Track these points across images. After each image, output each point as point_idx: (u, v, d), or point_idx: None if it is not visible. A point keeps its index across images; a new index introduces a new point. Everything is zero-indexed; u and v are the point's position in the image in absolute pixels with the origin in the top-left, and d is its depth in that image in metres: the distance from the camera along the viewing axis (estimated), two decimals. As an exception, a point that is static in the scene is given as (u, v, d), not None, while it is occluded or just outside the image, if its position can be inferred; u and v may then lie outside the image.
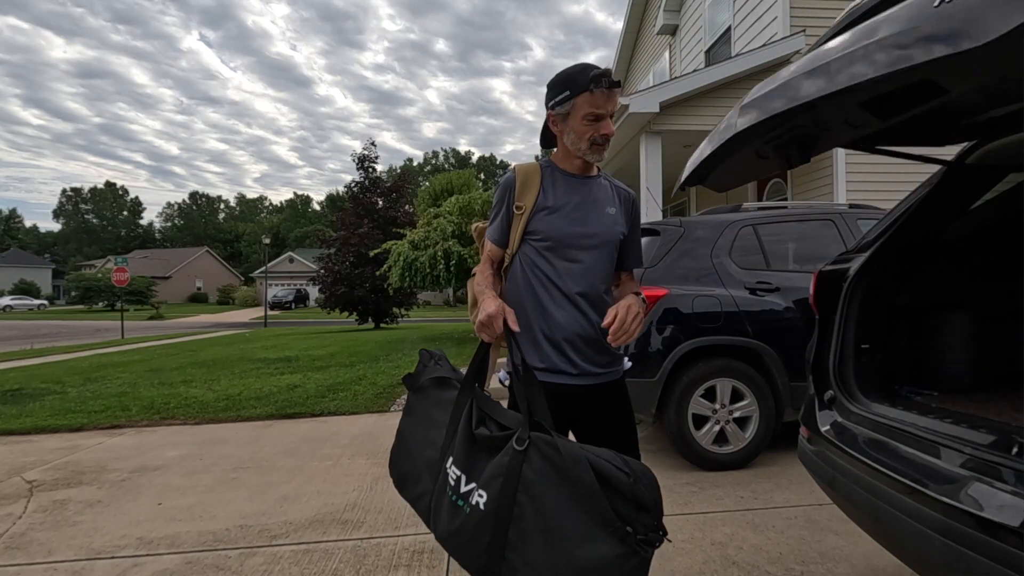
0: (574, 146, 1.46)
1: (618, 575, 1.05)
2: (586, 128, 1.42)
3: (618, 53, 13.67)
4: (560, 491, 1.10)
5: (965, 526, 1.14)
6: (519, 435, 1.18)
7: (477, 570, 1.17)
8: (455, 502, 1.21)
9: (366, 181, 18.87)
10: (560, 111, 1.44)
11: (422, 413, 1.44)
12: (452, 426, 1.32)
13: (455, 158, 76.43)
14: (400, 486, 1.44)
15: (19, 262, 59.28)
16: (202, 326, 23.94)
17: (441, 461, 1.30)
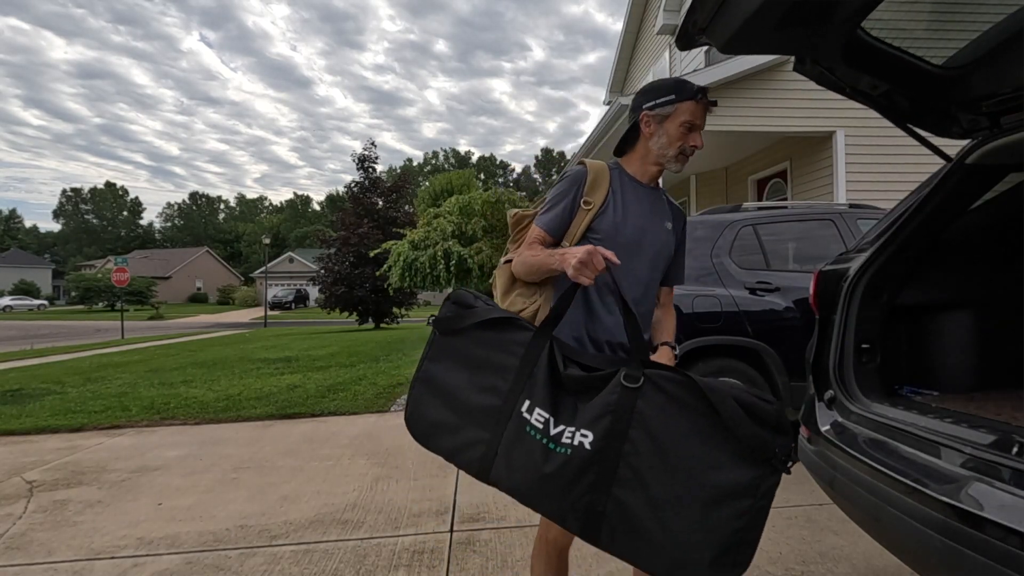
0: (661, 150, 1.47)
1: (754, 495, 1.09)
2: (680, 135, 1.45)
3: (618, 53, 13.67)
4: (687, 423, 1.12)
5: (965, 526, 1.14)
6: (628, 372, 1.17)
7: (574, 510, 1.14)
8: (547, 445, 1.17)
9: (366, 181, 18.89)
10: (660, 112, 1.45)
11: (468, 357, 1.32)
12: (526, 368, 1.24)
13: (455, 158, 76.46)
14: (427, 437, 1.31)
15: (19, 262, 59.28)
16: (202, 326, 23.94)
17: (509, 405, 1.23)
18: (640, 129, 1.49)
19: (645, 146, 1.49)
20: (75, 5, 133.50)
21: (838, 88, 1.78)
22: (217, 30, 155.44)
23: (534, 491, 1.18)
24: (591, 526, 1.14)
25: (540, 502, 1.19)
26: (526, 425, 1.20)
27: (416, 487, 3.22)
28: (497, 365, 1.28)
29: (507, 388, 1.25)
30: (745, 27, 1.46)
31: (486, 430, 1.24)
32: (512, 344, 1.28)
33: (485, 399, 1.26)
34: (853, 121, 6.39)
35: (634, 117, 1.50)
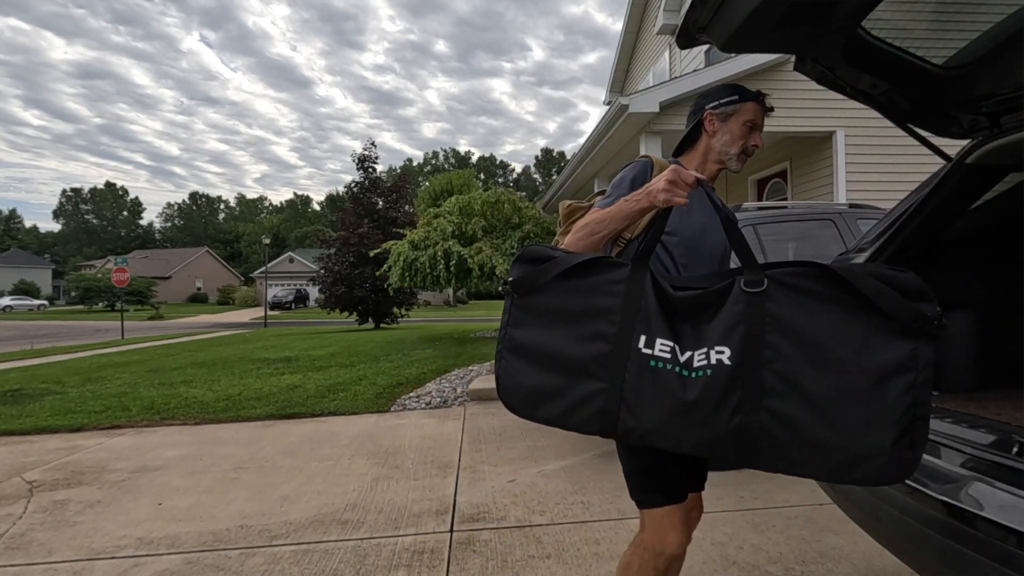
0: (724, 148, 1.50)
1: (916, 368, 1.04)
2: (743, 133, 1.49)
3: (618, 53, 13.67)
4: (826, 313, 1.07)
5: (965, 526, 1.14)
6: (748, 278, 1.12)
7: (728, 433, 1.07)
8: (680, 373, 1.11)
9: (366, 181, 18.86)
10: (725, 111, 1.49)
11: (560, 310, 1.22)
12: (633, 303, 1.17)
13: (455, 158, 76.46)
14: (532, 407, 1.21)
15: (19, 262, 59.27)
16: (202, 326, 23.93)
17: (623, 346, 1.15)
18: (702, 129, 1.52)
19: (707, 144, 1.52)
20: (75, 5, 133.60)
21: (838, 87, 1.78)
22: (217, 30, 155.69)
23: (678, 425, 1.10)
24: (748, 447, 1.07)
25: (687, 436, 1.10)
26: (649, 360, 1.13)
27: (416, 487, 3.22)
28: (597, 310, 1.19)
29: (615, 330, 1.17)
30: (745, 26, 1.46)
31: (601, 380, 1.16)
32: (609, 284, 1.21)
33: (592, 348, 1.18)
34: (853, 121, 6.39)
35: (695, 119, 1.54)
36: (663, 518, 1.36)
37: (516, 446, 3.99)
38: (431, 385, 6.27)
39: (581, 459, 3.66)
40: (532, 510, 2.84)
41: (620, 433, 1.15)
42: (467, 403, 5.55)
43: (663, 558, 1.36)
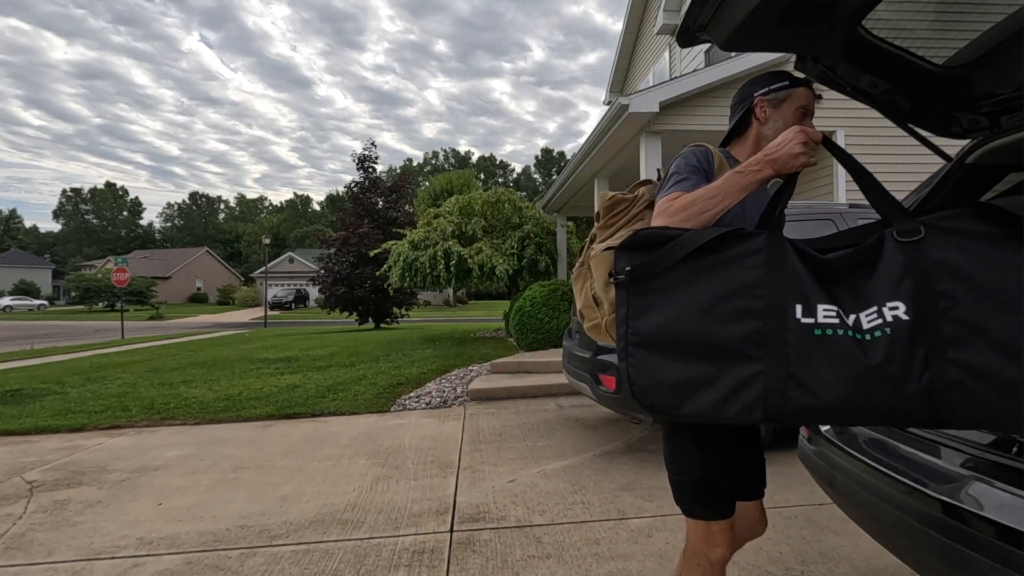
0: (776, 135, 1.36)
1: None
2: (795, 120, 1.45)
3: (618, 53, 13.67)
4: (996, 251, 0.99)
5: (965, 526, 1.14)
6: (901, 228, 1.05)
7: (920, 394, 0.98)
8: (855, 337, 1.02)
9: (366, 181, 18.86)
10: (776, 96, 1.46)
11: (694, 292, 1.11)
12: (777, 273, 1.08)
13: (455, 158, 76.47)
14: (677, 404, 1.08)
15: (19, 262, 59.26)
16: (202, 326, 23.94)
17: (777, 320, 1.05)
18: (752, 117, 1.49)
19: (759, 132, 1.48)
20: (75, 6, 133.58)
21: (839, 87, 1.78)
22: (217, 30, 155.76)
23: (865, 394, 1.00)
24: (942, 405, 0.98)
25: (877, 404, 1.00)
26: (813, 329, 1.03)
27: (416, 487, 3.22)
28: (740, 285, 1.08)
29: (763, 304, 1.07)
30: (745, 24, 1.46)
31: (757, 360, 1.05)
32: (748, 255, 1.10)
33: (740, 327, 1.06)
34: (853, 121, 6.39)
35: (743, 107, 1.51)
36: (712, 531, 1.34)
37: (516, 446, 3.99)
38: (431, 385, 6.27)
39: (581, 459, 3.66)
40: (532, 510, 2.84)
41: (789, 414, 1.03)
42: (467, 403, 5.55)
43: (715, 564, 1.35)
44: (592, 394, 3.76)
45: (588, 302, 1.42)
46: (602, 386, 3.57)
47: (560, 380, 5.52)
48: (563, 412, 5.03)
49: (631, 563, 2.27)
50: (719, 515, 1.34)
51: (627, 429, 4.38)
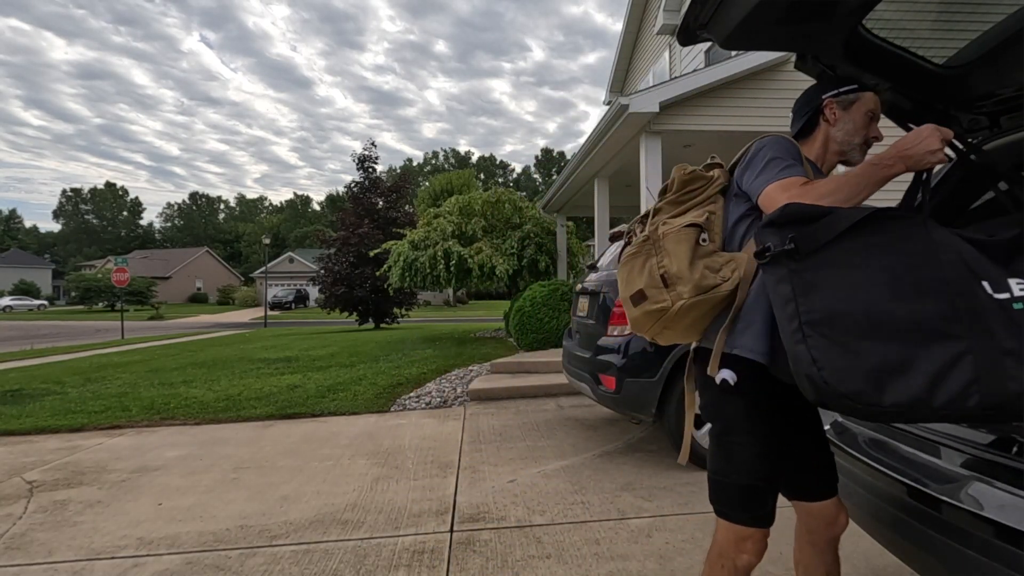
0: (846, 137, 1.43)
1: None
2: (864, 124, 1.43)
3: (618, 53, 13.67)
4: None
5: (965, 526, 1.14)
6: None
7: None
8: None
9: (366, 181, 18.86)
10: (846, 99, 1.44)
11: (872, 266, 1.03)
12: (949, 251, 1.03)
13: (455, 158, 76.49)
14: (880, 391, 0.96)
15: (19, 262, 59.25)
16: (202, 326, 23.93)
17: (968, 295, 0.99)
18: (820, 119, 1.46)
19: (827, 134, 1.45)
20: (76, 6, 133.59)
21: None
22: (217, 31, 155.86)
23: None
24: None
25: None
26: (1012, 303, 0.97)
27: (416, 487, 3.22)
28: (918, 261, 1.02)
29: (948, 280, 0.99)
30: (745, 22, 1.46)
31: (959, 338, 0.96)
32: (913, 233, 1.05)
33: (931, 303, 0.98)
34: (853, 121, 6.39)
35: (808, 109, 1.48)
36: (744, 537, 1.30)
37: (516, 446, 3.99)
38: (431, 385, 6.27)
39: (581, 459, 3.66)
40: (532, 510, 2.84)
41: (1011, 398, 0.94)
42: (467, 403, 5.55)
43: (741, 570, 1.32)
44: (592, 394, 3.76)
45: (655, 282, 1.30)
46: (602, 386, 3.57)
47: (560, 380, 5.52)
48: (563, 412, 5.03)
49: (631, 563, 2.27)
50: (758, 523, 1.29)
51: (627, 429, 4.38)
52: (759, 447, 1.29)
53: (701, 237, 1.32)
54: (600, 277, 4.04)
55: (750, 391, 1.28)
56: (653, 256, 1.32)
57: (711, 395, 1.35)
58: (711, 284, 1.27)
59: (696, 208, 1.38)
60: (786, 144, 1.36)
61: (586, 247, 14.66)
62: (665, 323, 1.31)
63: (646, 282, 1.31)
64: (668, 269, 1.28)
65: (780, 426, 1.32)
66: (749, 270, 1.28)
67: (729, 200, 1.43)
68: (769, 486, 1.30)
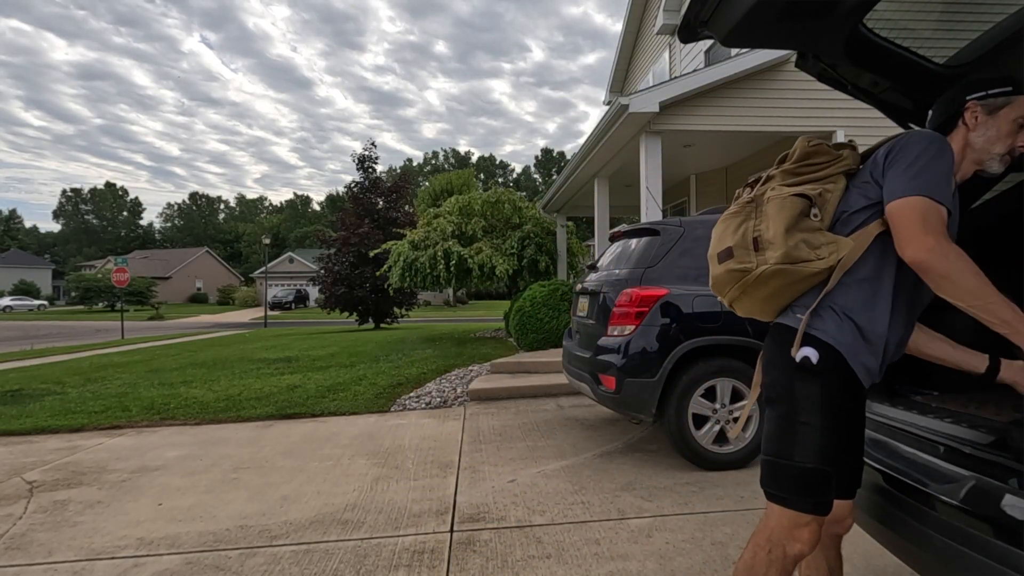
0: (986, 146, 1.31)
1: None
2: (1011, 131, 1.30)
3: (618, 53, 13.67)
4: None
5: (965, 526, 1.14)
6: None
7: None
8: None
9: (366, 181, 18.86)
10: (993, 103, 1.30)
11: None
12: None
13: (455, 158, 76.50)
14: None
15: (19, 263, 59.24)
16: (202, 326, 23.93)
17: None
18: (960, 121, 1.34)
19: (965, 139, 1.33)
20: (76, 7, 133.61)
21: (840, 85, 1.78)
22: (218, 31, 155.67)
23: None
24: None
25: None
26: None
27: (416, 487, 3.22)
28: None
29: None
30: (746, 20, 1.46)
31: None
32: None
33: None
34: (853, 121, 6.38)
35: (948, 108, 1.37)
36: (801, 523, 1.26)
37: (516, 446, 3.99)
38: (431, 385, 6.27)
39: (581, 459, 3.66)
40: (532, 510, 2.84)
41: None
42: (467, 403, 5.55)
43: (791, 559, 1.28)
44: (592, 394, 3.76)
45: (745, 243, 1.30)
46: (602, 386, 3.57)
47: (560, 380, 5.52)
48: (563, 412, 5.03)
49: (631, 563, 2.27)
50: (817, 510, 1.25)
51: (627, 429, 4.38)
52: (830, 432, 1.25)
53: (812, 212, 1.28)
54: (600, 277, 4.04)
55: (829, 374, 1.26)
56: (752, 219, 1.31)
57: (781, 374, 1.32)
58: (803, 257, 1.24)
59: (814, 182, 1.33)
60: (950, 157, 1.25)
61: (586, 247, 14.66)
62: (744, 287, 1.30)
63: (737, 241, 1.31)
64: (763, 234, 1.27)
65: (850, 417, 1.30)
66: (850, 258, 1.25)
67: (856, 186, 1.34)
68: (837, 471, 1.26)
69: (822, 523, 1.28)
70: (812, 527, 1.26)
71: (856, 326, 1.26)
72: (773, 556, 1.28)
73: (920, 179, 1.21)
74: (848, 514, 1.46)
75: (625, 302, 3.53)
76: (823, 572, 1.51)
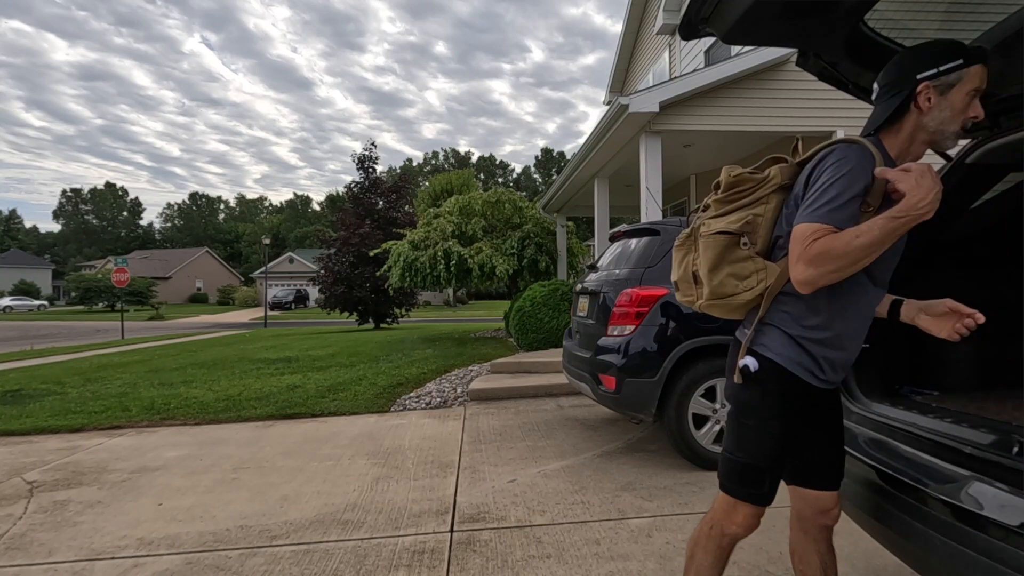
0: (941, 127, 1.26)
1: None
2: (965, 106, 1.24)
3: (617, 53, 13.66)
4: None
5: (965, 526, 1.14)
6: None
7: None
8: None
9: (366, 182, 18.86)
10: (947, 80, 1.23)
11: None
12: None
13: (455, 158, 76.49)
14: None
15: (19, 263, 59.24)
16: (202, 327, 23.93)
17: None
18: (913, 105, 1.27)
19: (917, 122, 1.27)
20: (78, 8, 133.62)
21: (840, 85, 1.78)
22: (218, 32, 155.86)
23: None
24: None
25: None
26: None
27: (416, 487, 3.22)
28: None
29: None
30: (747, 17, 1.46)
31: None
32: None
33: None
34: (853, 121, 6.38)
35: (901, 90, 1.27)
36: (738, 509, 1.40)
37: (516, 446, 3.99)
38: (431, 385, 6.27)
39: (581, 459, 3.66)
40: (532, 510, 2.84)
41: None
42: (467, 403, 5.54)
43: (727, 538, 1.43)
44: (592, 394, 3.76)
45: (687, 277, 1.43)
46: (602, 386, 3.57)
47: (560, 380, 5.52)
48: (563, 412, 5.03)
49: (631, 563, 2.27)
50: (753, 501, 1.39)
51: (627, 429, 4.38)
52: (767, 433, 1.36)
53: (742, 241, 1.34)
54: (600, 277, 4.04)
55: (767, 382, 1.35)
56: (692, 252, 1.42)
57: (731, 381, 1.43)
58: (729, 292, 1.34)
59: (741, 210, 1.36)
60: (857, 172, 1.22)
61: (586, 247, 14.66)
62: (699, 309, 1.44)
63: (680, 275, 1.45)
64: (699, 268, 1.39)
65: (792, 420, 1.37)
66: (776, 285, 1.32)
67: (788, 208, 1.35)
68: (773, 469, 1.37)
69: (759, 512, 1.41)
70: (747, 513, 1.40)
71: (790, 338, 1.34)
72: (713, 533, 1.45)
73: (815, 206, 1.22)
74: (834, 505, 1.49)
75: (625, 302, 3.53)
76: (815, 565, 1.53)
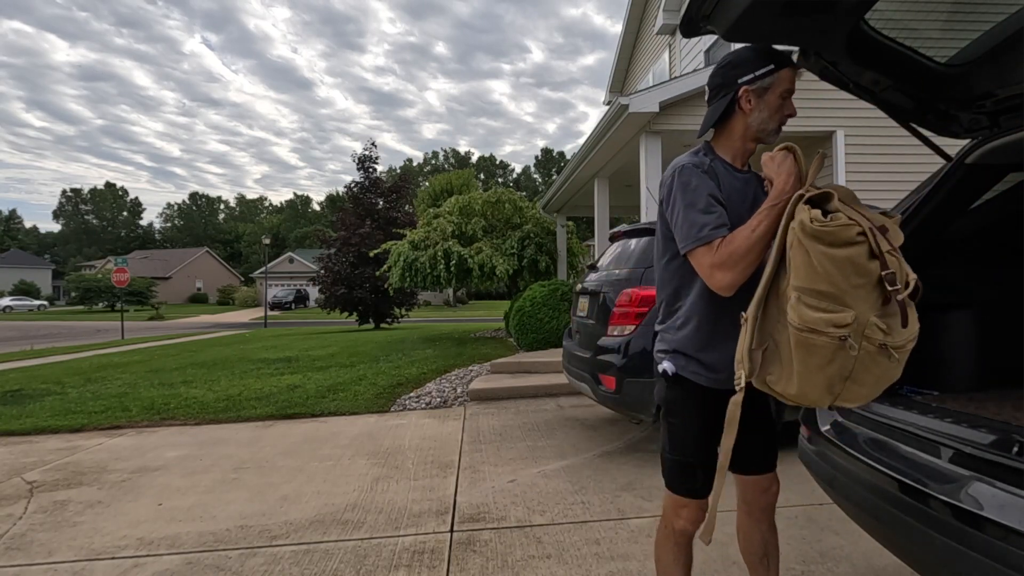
0: (761, 126, 1.41)
1: None
2: (779, 105, 1.39)
3: (617, 53, 13.66)
4: None
5: (965, 526, 1.14)
6: None
7: None
8: None
9: (366, 182, 18.86)
10: (762, 84, 1.37)
11: None
12: None
13: (455, 158, 76.49)
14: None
15: (19, 263, 59.24)
16: (202, 327, 23.93)
17: None
18: (737, 107, 1.41)
19: (743, 123, 1.42)
20: (79, 8, 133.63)
21: (841, 84, 1.78)
22: (219, 32, 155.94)
23: None
24: None
25: None
26: None
27: (416, 487, 3.22)
28: None
29: None
30: (747, 14, 1.45)
31: None
32: None
33: None
34: (853, 121, 6.39)
35: (726, 94, 1.42)
36: (680, 505, 1.52)
37: (516, 446, 3.99)
38: (431, 385, 6.27)
39: (581, 459, 3.65)
40: (532, 510, 2.84)
41: None
42: (467, 403, 5.54)
43: (678, 533, 1.54)
44: (592, 394, 3.75)
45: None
46: (602, 386, 3.57)
47: (560, 380, 5.52)
48: (563, 412, 5.03)
49: (631, 563, 2.27)
50: (690, 495, 1.50)
51: (627, 429, 4.38)
52: (690, 431, 1.50)
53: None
54: (600, 277, 4.04)
55: (673, 385, 1.51)
56: None
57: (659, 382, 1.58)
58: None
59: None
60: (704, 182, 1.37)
61: (586, 247, 14.65)
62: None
63: None
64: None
65: (712, 415, 1.43)
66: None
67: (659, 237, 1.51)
68: (704, 465, 1.47)
69: (701, 505, 1.49)
70: (691, 508, 1.50)
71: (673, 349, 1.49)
72: (667, 530, 1.57)
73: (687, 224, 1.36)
74: (771, 483, 1.57)
75: (625, 302, 3.53)
76: (756, 542, 1.58)
